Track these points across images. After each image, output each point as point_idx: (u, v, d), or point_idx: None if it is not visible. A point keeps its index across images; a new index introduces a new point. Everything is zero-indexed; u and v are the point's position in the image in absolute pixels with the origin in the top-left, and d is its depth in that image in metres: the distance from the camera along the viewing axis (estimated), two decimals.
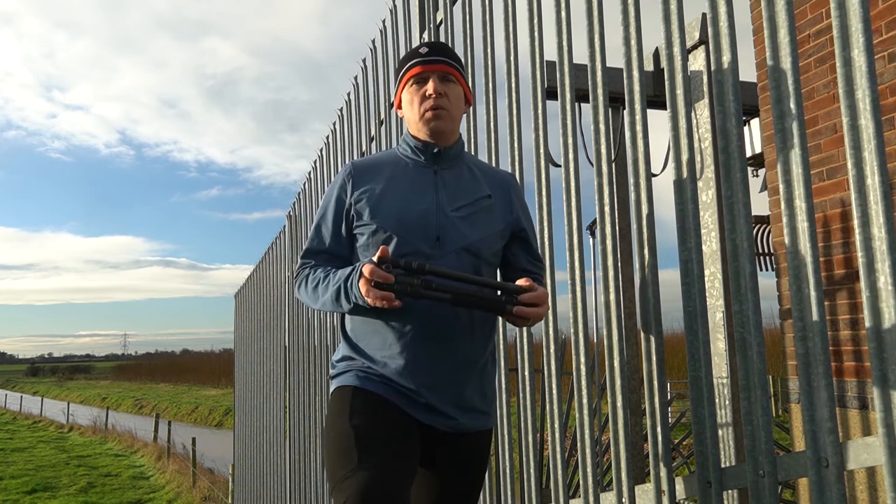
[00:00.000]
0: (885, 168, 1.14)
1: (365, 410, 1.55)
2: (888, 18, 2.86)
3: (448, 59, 1.69)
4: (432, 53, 1.68)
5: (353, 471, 1.42)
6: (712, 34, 1.45)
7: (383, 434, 1.51)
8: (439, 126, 1.66)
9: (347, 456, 1.46)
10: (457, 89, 1.70)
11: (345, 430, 1.51)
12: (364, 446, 1.46)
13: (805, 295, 1.26)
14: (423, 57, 1.68)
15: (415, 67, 1.68)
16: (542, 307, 1.55)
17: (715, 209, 3.10)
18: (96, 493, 12.61)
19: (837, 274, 3.09)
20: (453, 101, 1.68)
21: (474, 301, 1.49)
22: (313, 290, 1.67)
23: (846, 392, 3.02)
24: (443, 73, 1.67)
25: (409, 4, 3.06)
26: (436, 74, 1.67)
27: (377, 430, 1.52)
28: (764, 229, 6.63)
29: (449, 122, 1.67)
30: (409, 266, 1.46)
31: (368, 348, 1.62)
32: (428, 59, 1.67)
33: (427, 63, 1.67)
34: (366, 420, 1.52)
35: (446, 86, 1.67)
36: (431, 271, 1.47)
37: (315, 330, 4.48)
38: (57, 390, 52.69)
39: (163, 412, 29.66)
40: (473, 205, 1.67)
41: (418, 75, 1.67)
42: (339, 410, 1.57)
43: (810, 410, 1.25)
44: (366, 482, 1.38)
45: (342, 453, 1.47)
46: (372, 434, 1.50)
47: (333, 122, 4.28)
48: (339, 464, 1.46)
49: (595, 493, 1.87)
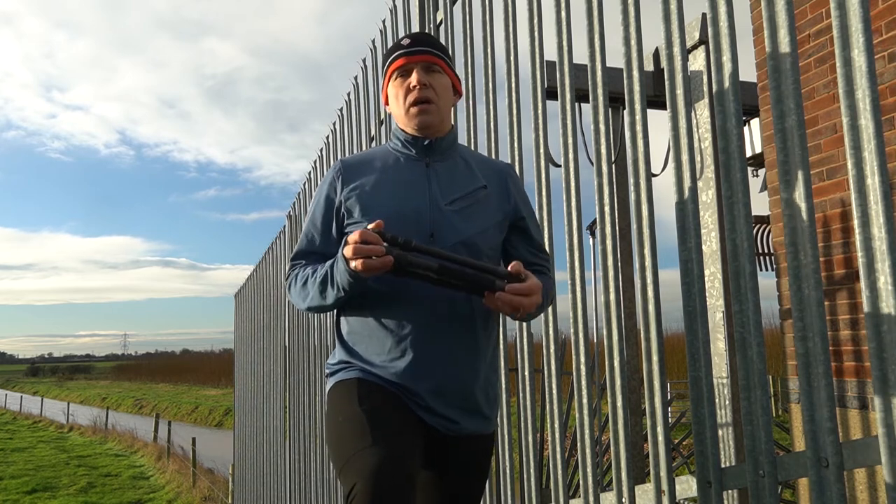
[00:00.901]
0: (885, 168, 1.14)
1: (370, 397, 1.50)
2: (888, 18, 2.86)
3: (432, 49, 1.65)
4: (415, 44, 1.64)
5: (363, 449, 1.36)
6: (712, 34, 1.45)
7: (392, 417, 1.47)
8: (425, 120, 1.61)
9: (357, 436, 1.40)
10: (443, 79, 1.65)
11: (353, 412, 1.46)
12: (374, 427, 1.41)
13: (805, 295, 1.25)
14: (406, 48, 1.64)
15: (398, 60, 1.64)
16: (532, 297, 1.46)
17: (715, 209, 3.10)
18: (96, 493, 12.61)
19: (837, 274, 3.09)
20: (440, 91, 1.63)
21: (459, 278, 1.43)
22: (302, 287, 1.61)
23: (846, 392, 3.02)
24: (427, 63, 1.63)
25: (409, 4, 3.06)
26: (419, 65, 1.62)
27: (385, 413, 1.47)
28: (764, 229, 6.64)
29: (436, 114, 1.62)
30: (395, 240, 1.41)
31: (366, 353, 1.57)
32: (411, 51, 1.63)
33: (410, 54, 1.63)
34: (373, 405, 1.48)
35: (431, 76, 1.63)
36: (417, 248, 1.43)
37: (315, 330, 4.48)
38: (57, 390, 52.71)
39: (163, 412, 29.66)
40: (468, 197, 1.61)
41: (402, 67, 1.63)
42: (344, 398, 1.53)
43: (810, 410, 1.25)
44: (378, 460, 1.32)
45: (351, 435, 1.42)
46: (380, 417, 1.45)
47: (333, 122, 4.28)
48: (347, 444, 1.41)
49: (595, 493, 1.87)
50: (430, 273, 1.42)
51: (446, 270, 1.42)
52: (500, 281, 1.44)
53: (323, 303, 1.57)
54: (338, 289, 1.50)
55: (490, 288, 1.44)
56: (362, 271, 1.40)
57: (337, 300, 1.54)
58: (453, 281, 1.43)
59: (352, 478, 1.32)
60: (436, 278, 1.43)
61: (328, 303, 1.56)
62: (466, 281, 1.44)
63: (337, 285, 1.50)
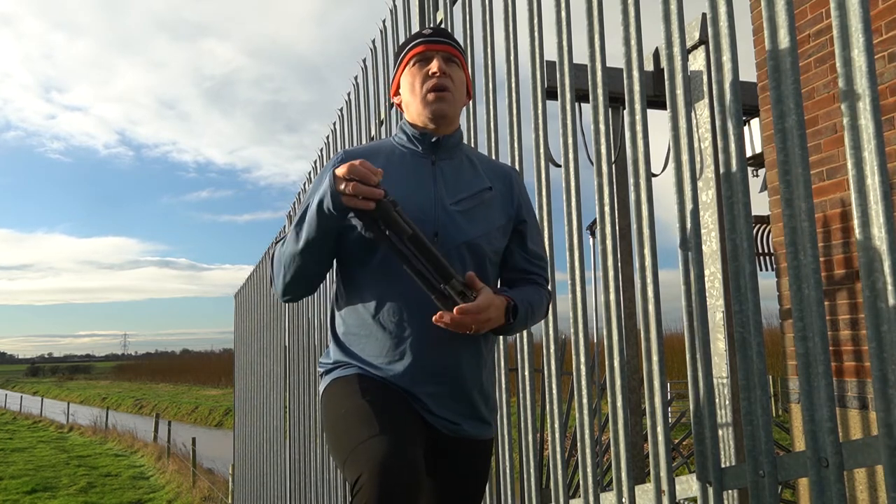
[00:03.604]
0: (885, 168, 1.14)
1: (373, 390, 1.46)
2: (888, 18, 2.86)
3: (453, 43, 1.62)
4: (437, 35, 1.61)
5: (368, 439, 1.31)
6: (712, 34, 1.45)
7: (396, 409, 1.43)
8: (442, 109, 1.56)
9: (362, 425, 1.35)
10: (460, 74, 1.62)
11: (355, 404, 1.42)
12: (379, 415, 1.37)
13: (805, 295, 1.25)
14: (427, 37, 1.60)
15: (418, 46, 1.59)
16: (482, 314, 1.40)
17: (715, 209, 3.10)
18: (96, 493, 12.61)
19: (837, 274, 3.09)
20: (457, 84, 1.60)
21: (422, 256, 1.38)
22: (282, 246, 1.53)
23: (846, 392, 3.02)
24: (447, 54, 1.59)
25: (409, 4, 3.06)
26: (440, 54, 1.58)
27: (389, 404, 1.43)
28: (764, 229, 6.64)
29: (452, 105, 1.57)
30: (385, 194, 1.37)
31: (363, 353, 1.53)
32: (433, 39, 1.60)
33: (431, 43, 1.59)
34: (375, 397, 1.44)
35: (450, 68, 1.59)
36: (399, 213, 1.38)
37: (315, 330, 4.49)
38: (57, 390, 52.69)
39: (163, 412, 29.66)
40: (474, 198, 1.57)
41: (421, 54, 1.59)
42: (344, 392, 1.48)
43: (810, 410, 1.25)
44: (384, 449, 1.27)
45: (355, 425, 1.37)
46: (385, 407, 1.41)
47: (333, 122, 4.28)
48: (351, 434, 1.36)
49: (595, 493, 1.87)
50: (402, 238, 1.37)
51: (416, 242, 1.38)
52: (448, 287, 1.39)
53: (295, 248, 1.47)
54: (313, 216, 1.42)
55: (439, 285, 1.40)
56: (348, 195, 1.34)
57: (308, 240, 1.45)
58: (413, 259, 1.38)
59: (357, 468, 1.28)
60: (399, 247, 1.38)
61: (300, 245, 1.46)
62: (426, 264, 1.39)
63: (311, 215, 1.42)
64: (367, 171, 1.35)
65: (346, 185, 1.34)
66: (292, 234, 1.49)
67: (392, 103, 2.06)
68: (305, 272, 1.53)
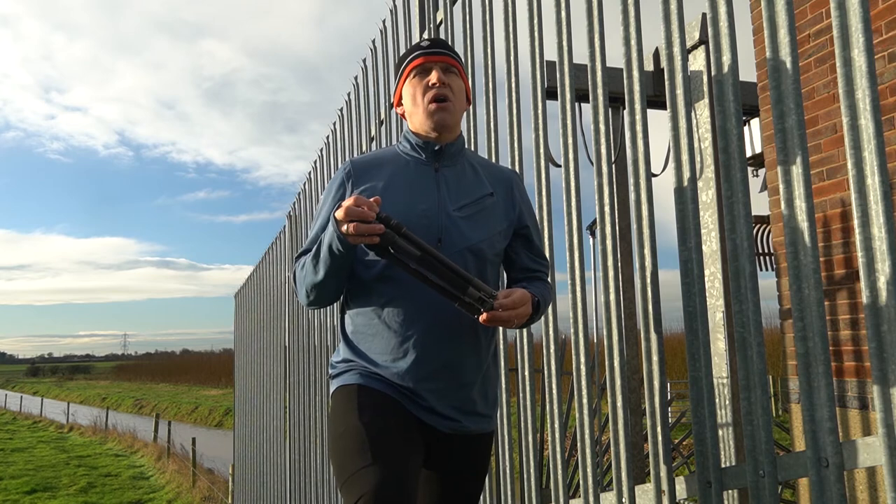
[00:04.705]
0: (885, 168, 1.14)
1: (372, 406, 1.53)
2: (888, 18, 2.86)
3: (451, 53, 1.68)
4: (435, 46, 1.67)
5: (365, 468, 1.39)
6: (712, 34, 1.45)
7: (393, 431, 1.50)
8: (443, 119, 1.62)
9: (358, 452, 1.43)
10: (459, 83, 1.68)
11: (353, 425, 1.49)
12: (375, 442, 1.44)
13: (805, 295, 1.26)
14: (426, 49, 1.66)
15: (418, 59, 1.66)
16: (520, 309, 1.49)
17: (715, 209, 3.10)
18: (96, 493, 12.61)
19: (837, 274, 3.09)
20: (457, 93, 1.66)
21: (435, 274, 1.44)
22: (301, 269, 1.62)
23: (846, 392, 3.02)
24: (446, 64, 1.66)
25: (409, 4, 3.06)
26: (439, 65, 1.65)
27: (386, 426, 1.50)
28: (764, 229, 6.64)
29: (452, 114, 1.64)
30: (388, 220, 1.43)
31: (370, 352, 1.60)
32: (431, 51, 1.66)
33: (430, 54, 1.66)
34: (374, 416, 1.50)
35: (449, 77, 1.65)
36: (406, 235, 1.44)
37: (315, 330, 4.49)
38: (57, 390, 52.71)
39: (163, 412, 29.66)
40: (476, 204, 1.64)
41: (420, 66, 1.65)
42: (345, 407, 1.55)
43: (810, 410, 1.25)
44: (380, 479, 1.36)
45: (352, 449, 1.45)
46: (381, 430, 1.48)
47: (333, 122, 4.28)
48: (349, 460, 1.44)
49: (595, 493, 1.87)
50: (410, 261, 1.43)
51: (426, 262, 1.44)
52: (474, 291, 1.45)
53: (315, 279, 1.57)
54: (326, 256, 1.50)
55: (460, 295, 1.45)
56: (351, 235, 1.41)
57: (327, 273, 1.54)
58: (429, 276, 1.44)
59: (353, 496, 1.37)
60: (413, 268, 1.44)
61: (319, 277, 1.56)
62: (441, 279, 1.44)
63: (325, 255, 1.50)
64: (363, 210, 1.41)
65: (348, 227, 1.41)
66: (310, 266, 1.58)
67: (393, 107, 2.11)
68: (327, 294, 1.64)
